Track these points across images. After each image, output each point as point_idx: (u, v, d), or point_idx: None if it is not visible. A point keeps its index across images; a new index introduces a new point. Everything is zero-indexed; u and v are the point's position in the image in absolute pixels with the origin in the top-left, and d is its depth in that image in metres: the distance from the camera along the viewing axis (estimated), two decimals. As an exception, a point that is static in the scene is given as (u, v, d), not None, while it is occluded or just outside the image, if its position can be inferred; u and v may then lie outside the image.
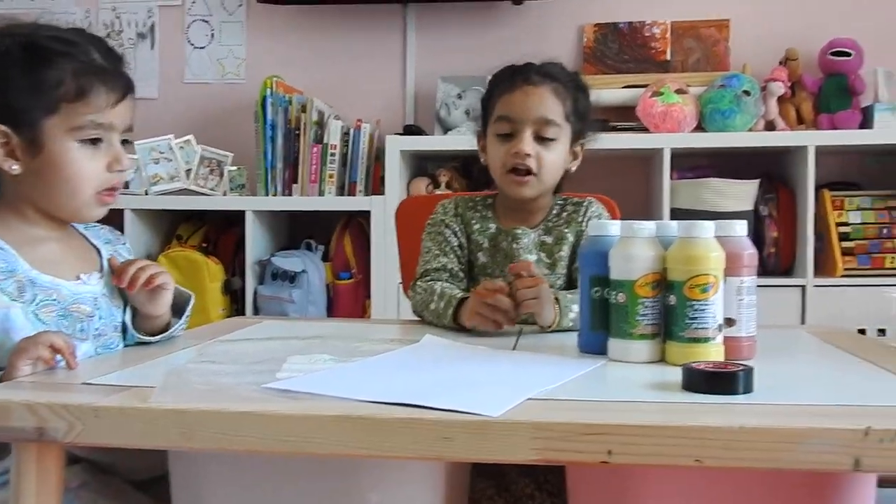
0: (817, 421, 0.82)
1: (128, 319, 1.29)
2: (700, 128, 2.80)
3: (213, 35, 3.29)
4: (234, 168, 2.98)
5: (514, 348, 1.26)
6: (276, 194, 2.93)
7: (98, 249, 1.32)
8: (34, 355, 1.05)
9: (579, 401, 0.92)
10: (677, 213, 2.66)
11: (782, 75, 2.81)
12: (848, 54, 2.80)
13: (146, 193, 2.93)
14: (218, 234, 3.04)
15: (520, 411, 0.86)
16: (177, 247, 2.94)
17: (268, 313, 2.82)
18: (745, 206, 2.73)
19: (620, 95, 2.89)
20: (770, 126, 2.81)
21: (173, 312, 1.33)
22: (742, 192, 2.74)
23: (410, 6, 3.15)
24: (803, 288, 2.65)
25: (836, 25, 2.91)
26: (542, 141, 1.55)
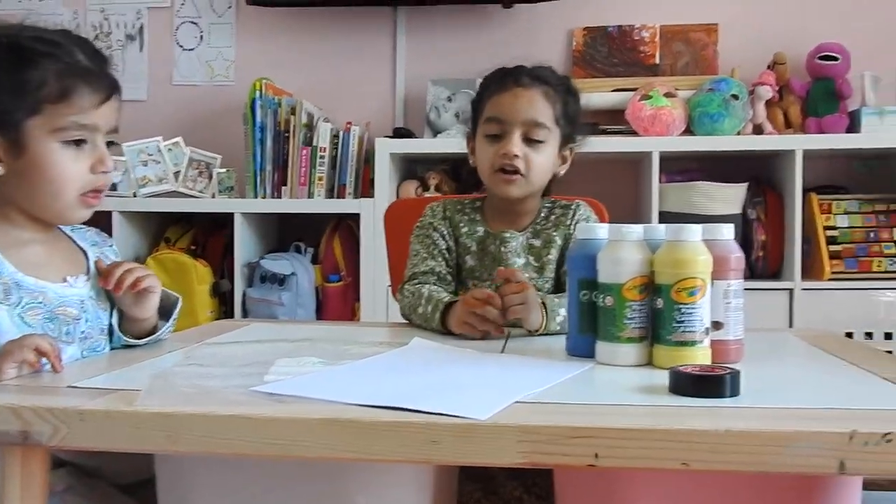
0: (803, 424, 0.82)
1: (114, 322, 1.28)
2: (689, 131, 2.81)
3: (202, 37, 3.28)
4: (223, 170, 2.97)
5: (503, 351, 1.26)
6: (265, 196, 2.92)
7: (85, 252, 1.32)
8: (19, 358, 1.04)
9: (566, 404, 0.92)
10: (666, 217, 2.67)
11: (770, 79, 2.82)
12: (835, 59, 2.81)
13: (134, 195, 2.92)
14: (206, 236, 3.04)
15: (507, 414, 0.86)
16: (165, 249, 2.92)
17: (257, 316, 2.82)
18: (733, 209, 2.74)
19: (609, 99, 2.90)
20: (758, 130, 2.82)
21: (161, 315, 1.33)
22: (730, 196, 2.75)
23: (400, 9, 3.15)
24: (791, 291, 2.66)
25: (823, 30, 2.92)
26: (531, 143, 1.56)
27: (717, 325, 1.14)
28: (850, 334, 2.56)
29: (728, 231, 1.17)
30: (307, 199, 2.90)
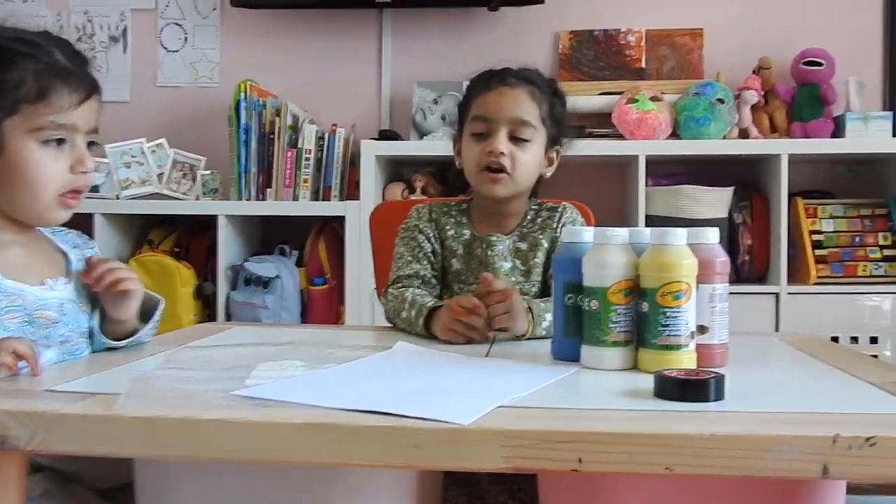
0: (787, 428, 0.82)
1: (95, 324, 1.27)
2: (675, 135, 2.82)
3: (186, 39, 3.26)
4: (207, 172, 2.96)
5: (487, 355, 1.26)
6: (249, 199, 2.91)
7: (66, 254, 1.30)
8: (-4, 362, 1.02)
9: (550, 408, 0.92)
10: (652, 220, 2.67)
11: (756, 84, 2.83)
12: (820, 64, 2.83)
13: (117, 198, 2.90)
14: (190, 238, 3.02)
15: (490, 419, 0.85)
16: (148, 252, 2.90)
17: (241, 319, 2.80)
18: (719, 213, 2.75)
19: (596, 102, 2.90)
20: (744, 134, 2.83)
21: (143, 318, 1.31)
22: (716, 200, 2.75)
23: (386, 11, 3.14)
24: (777, 295, 2.67)
25: (808, 35, 2.93)
26: (517, 141, 1.55)
27: (702, 329, 1.13)
28: (835, 338, 2.57)
29: (713, 235, 1.17)
30: (292, 201, 2.88)
